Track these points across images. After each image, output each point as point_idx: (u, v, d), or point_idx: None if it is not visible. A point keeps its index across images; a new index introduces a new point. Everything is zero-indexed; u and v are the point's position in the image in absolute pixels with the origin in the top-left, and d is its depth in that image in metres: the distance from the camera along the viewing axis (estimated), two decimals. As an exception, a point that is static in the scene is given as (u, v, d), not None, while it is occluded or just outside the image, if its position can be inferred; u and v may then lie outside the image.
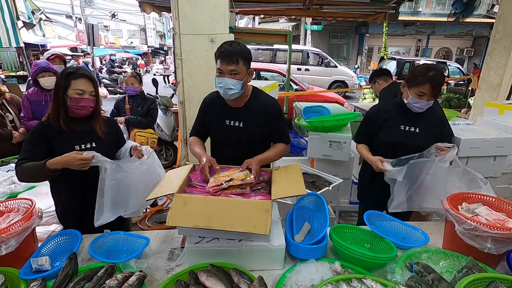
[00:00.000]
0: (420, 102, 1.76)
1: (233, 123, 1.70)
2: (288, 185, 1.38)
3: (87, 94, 1.51)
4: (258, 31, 4.99)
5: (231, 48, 1.50)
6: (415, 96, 1.76)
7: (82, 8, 23.77)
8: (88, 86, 1.52)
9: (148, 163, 1.68)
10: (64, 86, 1.48)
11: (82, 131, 1.57)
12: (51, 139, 1.51)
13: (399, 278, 1.14)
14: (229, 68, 1.51)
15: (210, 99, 1.78)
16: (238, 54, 1.50)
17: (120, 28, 32.83)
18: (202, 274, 1.14)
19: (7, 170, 2.34)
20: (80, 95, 1.49)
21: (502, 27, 3.79)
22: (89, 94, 1.52)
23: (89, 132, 1.59)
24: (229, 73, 1.52)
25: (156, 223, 3.31)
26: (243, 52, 1.53)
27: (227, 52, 1.49)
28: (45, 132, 1.50)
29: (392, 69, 10.60)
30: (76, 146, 1.54)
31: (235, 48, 1.50)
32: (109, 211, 1.51)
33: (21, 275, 1.16)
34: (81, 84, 1.49)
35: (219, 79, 1.55)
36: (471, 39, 19.79)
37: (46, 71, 2.69)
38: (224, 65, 1.51)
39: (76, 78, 1.49)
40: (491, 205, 1.41)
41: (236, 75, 1.53)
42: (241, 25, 18.00)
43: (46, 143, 1.50)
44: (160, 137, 4.23)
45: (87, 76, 1.53)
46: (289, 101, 5.84)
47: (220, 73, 1.54)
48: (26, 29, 7.20)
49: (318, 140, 2.82)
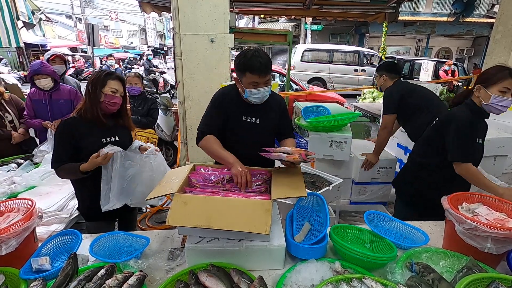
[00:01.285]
0: (506, 100, 1.65)
1: (250, 119, 1.74)
2: (288, 186, 1.38)
3: (118, 93, 1.72)
4: (258, 31, 4.99)
5: (263, 60, 1.55)
6: (498, 94, 1.65)
7: (82, 8, 23.77)
8: (120, 86, 1.73)
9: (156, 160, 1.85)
10: (101, 84, 1.68)
11: (109, 126, 1.76)
12: (77, 135, 1.66)
13: (399, 278, 1.13)
14: (265, 79, 1.60)
15: (225, 95, 1.77)
16: (269, 64, 1.59)
17: (120, 28, 32.81)
18: (202, 274, 1.14)
19: (7, 170, 2.34)
20: (114, 93, 1.70)
21: (502, 27, 3.79)
22: (120, 94, 1.74)
23: (113, 127, 1.79)
24: (264, 84, 1.60)
25: (156, 223, 3.31)
26: (269, 60, 1.60)
27: (261, 65, 1.55)
28: (69, 131, 1.66)
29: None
30: (103, 139, 1.73)
31: (264, 59, 1.57)
32: (116, 198, 1.67)
33: (21, 275, 1.16)
34: (116, 84, 1.71)
35: (255, 90, 1.61)
36: (471, 39, 19.79)
37: (38, 73, 2.69)
38: (261, 78, 1.58)
39: (112, 79, 1.71)
40: (491, 205, 1.41)
41: (268, 81, 1.62)
42: (241, 25, 18.00)
43: (72, 141, 1.66)
44: (160, 137, 4.23)
45: (121, 78, 1.76)
46: (289, 101, 5.84)
47: (255, 85, 1.59)
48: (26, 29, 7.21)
49: (319, 140, 2.82)
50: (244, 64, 1.56)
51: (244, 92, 1.64)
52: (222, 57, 3.19)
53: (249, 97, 1.64)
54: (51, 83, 2.76)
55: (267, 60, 1.58)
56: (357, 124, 4.61)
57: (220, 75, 3.23)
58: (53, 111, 2.82)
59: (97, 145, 1.65)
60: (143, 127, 3.43)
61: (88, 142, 1.66)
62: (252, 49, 1.59)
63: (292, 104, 4.69)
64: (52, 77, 2.75)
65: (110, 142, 1.73)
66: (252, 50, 1.58)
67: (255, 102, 1.66)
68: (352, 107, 6.68)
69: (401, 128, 3.49)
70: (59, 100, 2.83)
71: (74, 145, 1.65)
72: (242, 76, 1.60)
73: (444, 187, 1.67)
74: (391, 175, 3.18)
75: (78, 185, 1.79)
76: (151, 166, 1.82)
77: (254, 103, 1.67)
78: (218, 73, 3.23)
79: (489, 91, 1.67)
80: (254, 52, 1.56)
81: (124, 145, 1.77)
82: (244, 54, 1.57)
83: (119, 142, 1.76)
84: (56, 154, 1.66)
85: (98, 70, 1.82)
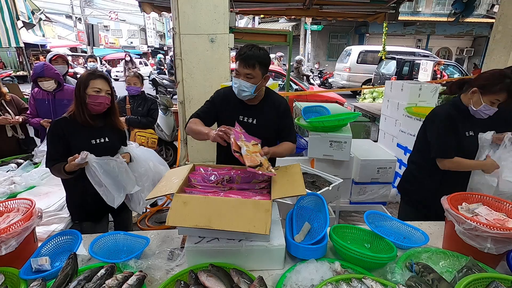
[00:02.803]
0: (493, 109, 1.69)
1: (247, 119, 1.75)
2: (288, 185, 1.38)
3: (103, 92, 1.69)
4: (258, 31, 4.98)
5: (250, 53, 1.55)
6: (488, 103, 1.68)
7: (82, 8, 23.76)
8: (104, 85, 1.70)
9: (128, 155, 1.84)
10: (84, 85, 1.66)
11: (99, 127, 1.76)
12: (67, 135, 1.67)
13: (399, 278, 1.14)
14: (245, 71, 1.58)
15: (225, 93, 1.80)
16: (255, 59, 1.57)
17: (120, 28, 32.80)
18: (202, 274, 1.14)
19: (7, 170, 2.34)
20: (97, 93, 1.67)
21: (502, 27, 3.80)
22: (105, 93, 1.70)
23: (104, 128, 1.78)
24: (245, 76, 1.60)
25: (156, 223, 3.31)
26: (261, 57, 1.58)
27: (245, 55, 1.56)
28: (60, 130, 1.67)
29: (392, 69, 10.47)
30: (92, 140, 1.73)
31: (254, 53, 1.56)
32: (117, 193, 1.73)
33: (21, 275, 1.16)
34: (99, 83, 1.68)
35: (235, 80, 1.63)
36: (471, 39, 19.80)
37: (41, 76, 2.70)
38: (241, 68, 1.58)
39: (94, 78, 1.68)
40: (491, 205, 1.40)
41: (251, 78, 1.60)
42: (241, 25, 18.02)
43: (63, 139, 1.67)
44: (160, 137, 4.23)
45: (104, 76, 1.72)
46: (289, 101, 5.84)
47: (237, 74, 1.61)
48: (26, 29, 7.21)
49: (319, 140, 2.82)
50: (238, 53, 1.60)
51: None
52: (222, 57, 3.19)
53: (232, 86, 1.66)
54: (54, 85, 2.78)
55: (256, 55, 1.56)
56: (357, 124, 4.61)
57: (220, 75, 3.23)
58: (56, 111, 2.82)
59: (85, 146, 1.66)
60: (143, 127, 3.42)
61: (77, 143, 1.67)
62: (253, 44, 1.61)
63: (292, 104, 4.69)
64: (55, 79, 2.77)
65: (99, 143, 1.74)
66: (253, 44, 1.60)
67: (236, 94, 1.67)
68: (352, 107, 6.68)
69: (401, 128, 3.50)
70: (62, 100, 2.84)
71: (65, 145, 1.67)
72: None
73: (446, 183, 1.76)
74: (391, 175, 3.19)
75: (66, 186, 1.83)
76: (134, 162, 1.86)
77: (238, 96, 1.67)
78: (218, 73, 3.23)
79: (483, 98, 1.69)
80: (251, 45, 1.58)
81: (113, 147, 1.79)
82: (245, 45, 1.60)
83: (108, 144, 1.77)
84: (49, 153, 1.69)
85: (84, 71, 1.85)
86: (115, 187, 1.73)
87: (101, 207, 1.83)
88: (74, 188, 1.80)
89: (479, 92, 1.70)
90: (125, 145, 1.90)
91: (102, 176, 1.65)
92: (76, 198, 1.83)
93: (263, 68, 1.61)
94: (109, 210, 1.94)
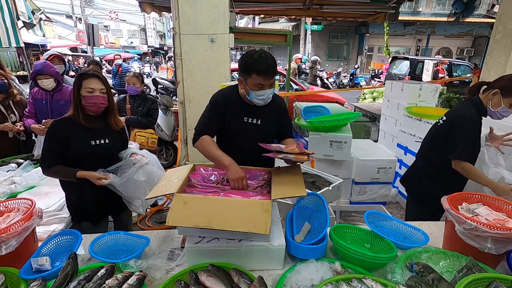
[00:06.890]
0: (509, 112, 1.75)
1: (251, 120, 1.75)
2: (288, 186, 1.38)
3: (97, 91, 1.65)
4: (258, 31, 4.99)
5: (270, 63, 1.55)
6: (507, 105, 1.73)
7: (82, 8, 23.76)
8: (98, 84, 1.65)
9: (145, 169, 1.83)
10: (77, 86, 1.64)
11: (98, 128, 1.73)
12: (66, 136, 1.65)
13: (399, 278, 1.14)
14: (270, 82, 1.59)
15: (225, 96, 1.76)
16: (274, 67, 1.58)
17: (120, 28, 32.79)
18: (202, 274, 1.14)
19: (7, 170, 2.34)
20: (91, 93, 1.63)
21: (502, 27, 3.80)
22: (100, 92, 1.66)
23: (104, 129, 1.76)
24: (270, 86, 1.61)
25: (156, 223, 3.31)
26: (274, 62, 1.59)
27: (268, 68, 1.54)
28: (60, 131, 1.65)
29: (404, 69, 10.26)
30: (92, 141, 1.70)
31: (272, 62, 1.56)
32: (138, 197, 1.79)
33: (21, 275, 1.16)
34: (92, 83, 1.64)
35: (260, 92, 1.59)
36: (471, 39, 19.79)
37: (41, 74, 2.70)
38: (266, 80, 1.57)
39: (86, 78, 1.64)
40: (491, 205, 1.40)
41: (273, 84, 1.62)
42: (241, 25, 18.01)
43: (62, 141, 1.65)
44: (160, 137, 4.23)
45: (96, 75, 1.67)
46: (289, 101, 5.83)
47: (260, 87, 1.58)
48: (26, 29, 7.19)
49: (319, 140, 2.82)
50: (251, 65, 1.54)
51: (248, 94, 1.62)
52: (222, 57, 3.19)
53: (253, 99, 1.63)
54: (54, 84, 2.77)
55: (273, 63, 1.57)
56: (357, 124, 4.61)
57: (220, 75, 3.23)
58: (53, 111, 2.82)
59: (85, 147, 1.66)
60: (143, 127, 3.42)
61: (77, 144, 1.66)
62: (258, 51, 1.56)
63: (292, 104, 4.69)
64: (55, 78, 2.76)
65: (98, 144, 1.72)
66: (258, 51, 1.56)
67: (259, 103, 1.65)
68: (352, 107, 6.69)
69: (401, 128, 3.50)
70: (59, 101, 2.83)
71: (64, 146, 1.66)
72: (247, 77, 1.57)
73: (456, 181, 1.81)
74: (391, 175, 3.19)
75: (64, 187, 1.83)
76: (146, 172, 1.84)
77: (258, 104, 1.66)
78: (218, 73, 3.23)
79: (504, 100, 1.72)
80: (260, 54, 1.54)
81: (113, 149, 1.79)
82: (251, 56, 1.55)
83: (108, 145, 1.75)
84: (45, 153, 1.67)
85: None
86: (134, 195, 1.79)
87: (100, 208, 1.83)
88: (72, 190, 1.80)
89: (500, 94, 1.73)
90: (125, 146, 1.90)
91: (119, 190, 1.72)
92: (75, 199, 1.83)
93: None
94: (108, 210, 1.94)
